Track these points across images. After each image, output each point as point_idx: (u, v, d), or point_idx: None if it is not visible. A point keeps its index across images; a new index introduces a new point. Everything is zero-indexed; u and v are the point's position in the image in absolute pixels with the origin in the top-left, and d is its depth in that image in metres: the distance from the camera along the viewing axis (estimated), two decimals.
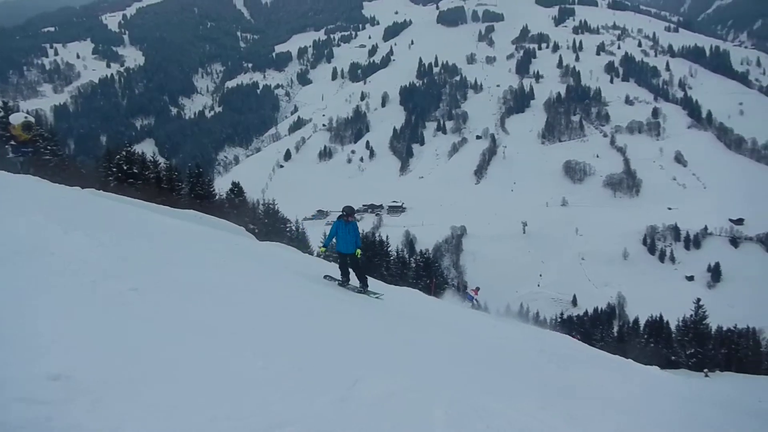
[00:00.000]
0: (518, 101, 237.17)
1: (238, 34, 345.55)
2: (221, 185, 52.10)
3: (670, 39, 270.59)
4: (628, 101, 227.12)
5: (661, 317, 64.81)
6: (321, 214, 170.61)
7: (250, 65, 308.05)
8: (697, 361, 56.52)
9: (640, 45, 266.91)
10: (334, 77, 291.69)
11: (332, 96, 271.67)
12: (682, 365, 56.38)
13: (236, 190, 41.04)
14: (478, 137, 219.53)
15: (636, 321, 69.48)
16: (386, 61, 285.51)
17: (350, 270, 11.07)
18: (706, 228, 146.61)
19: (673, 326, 62.71)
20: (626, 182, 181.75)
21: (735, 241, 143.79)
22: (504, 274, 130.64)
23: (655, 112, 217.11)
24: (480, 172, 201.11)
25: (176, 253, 8.63)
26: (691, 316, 60.13)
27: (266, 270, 10.31)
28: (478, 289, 32.56)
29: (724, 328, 65.67)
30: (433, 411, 4.83)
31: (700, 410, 9.54)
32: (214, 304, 6.19)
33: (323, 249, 12.07)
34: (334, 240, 10.96)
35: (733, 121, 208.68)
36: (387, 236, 61.00)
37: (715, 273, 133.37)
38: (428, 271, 48.95)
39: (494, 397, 5.95)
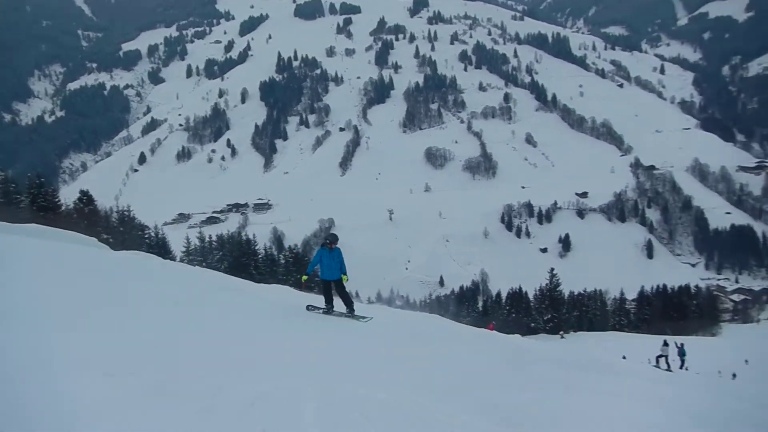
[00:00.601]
0: (379, 92, 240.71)
1: (79, 32, 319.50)
2: (68, 195, 49.48)
3: (517, 27, 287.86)
4: (482, 88, 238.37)
5: (520, 289, 68.78)
6: (182, 217, 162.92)
7: (94, 65, 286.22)
8: (553, 325, 61.20)
9: (490, 33, 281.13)
10: (189, 75, 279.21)
11: (188, 94, 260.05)
12: (541, 330, 60.60)
13: (85, 198, 38.40)
14: (341, 129, 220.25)
15: (498, 294, 72.84)
16: (244, 57, 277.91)
17: (334, 296, 10.74)
18: (555, 203, 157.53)
19: (531, 296, 67.03)
20: (483, 165, 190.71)
21: (581, 213, 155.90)
22: (374, 262, 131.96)
23: (507, 97, 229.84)
24: (345, 163, 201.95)
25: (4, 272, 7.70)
26: (547, 284, 65.62)
27: (113, 282, 9.44)
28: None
29: (576, 293, 71.41)
30: (305, 406, 4.72)
31: (559, 370, 9.87)
32: (47, 328, 5.57)
33: (305, 277, 11.11)
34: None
35: (575, 103, 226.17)
36: (254, 235, 59.82)
37: (566, 243, 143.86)
38: (298, 266, 48.56)
39: (367, 384, 5.92)
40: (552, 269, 67.42)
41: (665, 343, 24.43)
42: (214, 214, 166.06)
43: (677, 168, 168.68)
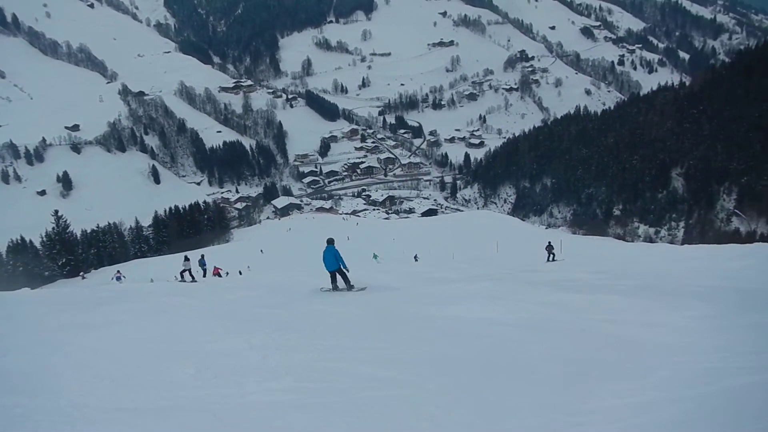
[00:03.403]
0: None
1: None
2: None
3: None
4: None
5: (22, 239, 61.27)
6: None
7: None
8: (71, 268, 57.25)
9: None
10: None
11: None
12: (58, 276, 56.12)
13: None
14: None
15: None
16: None
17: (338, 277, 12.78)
18: (44, 140, 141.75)
19: (38, 244, 60.65)
20: None
21: (77, 148, 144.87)
22: None
23: None
24: None
25: None
26: (54, 228, 60.39)
27: None
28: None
29: (89, 231, 67.56)
30: None
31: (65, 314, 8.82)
32: None
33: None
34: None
35: (43, 25, 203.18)
36: None
37: (66, 182, 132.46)
38: None
39: None
40: (56, 211, 62.49)
41: (186, 258, 25.48)
42: None
43: (166, 92, 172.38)
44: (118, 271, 35.44)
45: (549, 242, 27.58)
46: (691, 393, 4.22)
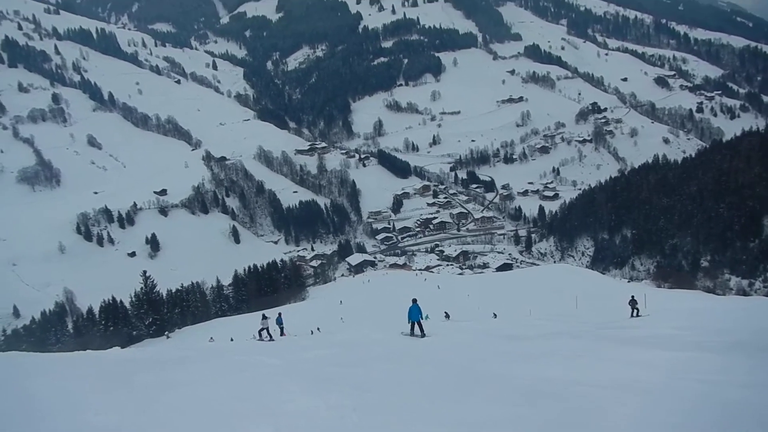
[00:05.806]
0: None
1: None
2: None
3: (53, 21, 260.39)
4: (23, 89, 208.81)
5: (114, 299, 64.15)
6: None
7: None
8: (157, 328, 58.62)
9: (20, 28, 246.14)
10: None
11: None
12: (145, 336, 57.52)
13: None
14: None
15: (90, 311, 66.97)
16: None
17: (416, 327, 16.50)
18: (135, 204, 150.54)
19: (128, 304, 63.22)
20: (43, 174, 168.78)
21: (164, 211, 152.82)
22: None
23: (56, 98, 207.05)
24: None
25: None
26: (142, 288, 62.68)
27: None
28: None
29: (174, 290, 69.75)
30: None
31: (163, 372, 9.20)
32: None
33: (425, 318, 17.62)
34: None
35: (135, 101, 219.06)
36: None
37: (154, 243, 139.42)
38: None
39: None
40: (145, 272, 65.19)
41: (264, 317, 25.59)
42: None
43: (246, 157, 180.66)
44: (212, 338, 36.81)
45: (632, 296, 26.31)
46: None
